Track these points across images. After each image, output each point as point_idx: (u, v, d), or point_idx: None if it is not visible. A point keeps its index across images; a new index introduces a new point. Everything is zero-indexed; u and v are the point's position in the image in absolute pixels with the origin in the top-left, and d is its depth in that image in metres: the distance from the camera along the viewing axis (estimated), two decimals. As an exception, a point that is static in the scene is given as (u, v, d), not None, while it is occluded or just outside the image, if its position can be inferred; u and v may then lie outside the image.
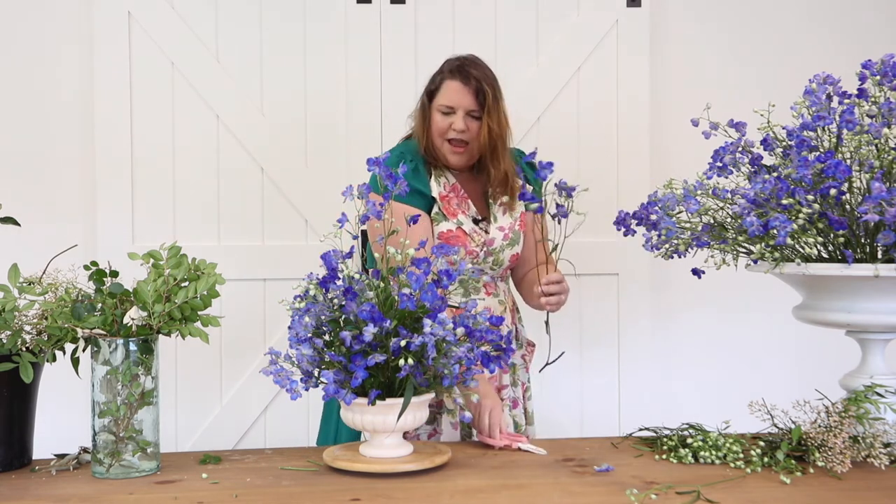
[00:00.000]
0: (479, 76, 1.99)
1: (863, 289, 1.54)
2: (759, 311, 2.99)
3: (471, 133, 1.99)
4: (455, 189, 2.04)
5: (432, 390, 1.51)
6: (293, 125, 2.83)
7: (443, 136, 1.99)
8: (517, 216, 2.07)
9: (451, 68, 2.01)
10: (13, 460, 1.52)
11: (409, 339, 1.41)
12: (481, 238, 2.01)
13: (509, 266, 2.07)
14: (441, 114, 1.99)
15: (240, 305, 2.59)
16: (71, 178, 2.80)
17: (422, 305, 1.45)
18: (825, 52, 3.03)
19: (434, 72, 2.05)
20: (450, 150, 1.99)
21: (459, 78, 1.98)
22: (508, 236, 2.04)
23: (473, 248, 1.98)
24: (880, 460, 1.45)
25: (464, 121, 1.97)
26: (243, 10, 2.81)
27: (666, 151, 2.95)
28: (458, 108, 1.98)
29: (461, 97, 1.97)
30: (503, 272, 2.08)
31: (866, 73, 1.59)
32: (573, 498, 1.33)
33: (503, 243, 2.03)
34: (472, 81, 1.98)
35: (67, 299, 1.50)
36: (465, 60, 2.03)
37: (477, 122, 1.99)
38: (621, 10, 2.91)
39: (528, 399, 2.13)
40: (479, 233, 2.01)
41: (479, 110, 1.98)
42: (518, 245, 2.06)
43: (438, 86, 2.01)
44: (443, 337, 1.43)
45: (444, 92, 1.99)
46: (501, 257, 2.03)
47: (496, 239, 2.02)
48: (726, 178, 1.69)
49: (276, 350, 1.50)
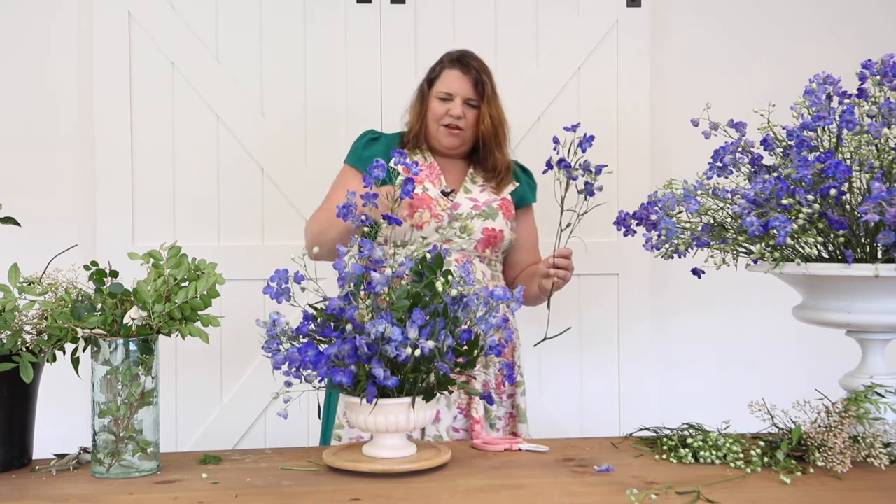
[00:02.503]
0: (479, 67, 2.11)
1: (863, 289, 1.53)
2: (759, 311, 2.99)
3: (467, 120, 2.09)
4: (431, 166, 2.11)
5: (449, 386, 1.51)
6: (293, 125, 2.83)
7: (439, 122, 2.09)
8: (498, 199, 2.12)
9: (452, 58, 2.13)
10: (13, 460, 1.52)
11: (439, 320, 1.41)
12: (447, 203, 2.06)
13: (486, 243, 2.07)
14: (439, 100, 2.09)
15: (240, 305, 2.59)
16: (71, 178, 2.80)
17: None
18: (825, 52, 3.04)
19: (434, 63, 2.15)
20: (445, 132, 2.09)
21: (460, 67, 2.10)
22: (480, 207, 2.08)
23: (438, 211, 2.04)
24: (880, 460, 1.45)
25: (461, 107, 2.08)
26: (243, 10, 2.81)
27: (666, 151, 2.95)
28: (456, 95, 2.08)
29: (460, 85, 2.08)
30: (482, 250, 2.07)
31: (866, 73, 1.59)
32: (573, 498, 1.33)
33: (472, 212, 2.06)
34: (472, 71, 2.09)
35: (67, 299, 1.50)
36: (466, 52, 2.14)
37: (473, 111, 2.10)
38: (621, 10, 2.91)
39: (522, 395, 2.13)
40: (444, 199, 2.07)
41: (477, 99, 2.09)
42: (493, 220, 2.08)
43: (438, 74, 2.12)
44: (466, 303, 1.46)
45: (444, 80, 2.10)
46: (470, 225, 2.05)
47: (462, 204, 2.06)
48: (726, 178, 1.69)
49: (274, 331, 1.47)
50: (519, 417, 2.11)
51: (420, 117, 2.13)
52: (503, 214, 2.11)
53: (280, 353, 1.44)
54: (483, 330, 1.50)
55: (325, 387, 1.46)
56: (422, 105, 2.13)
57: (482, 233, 2.06)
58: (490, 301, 1.49)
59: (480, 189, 2.12)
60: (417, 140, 2.13)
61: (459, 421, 2.02)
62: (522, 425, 2.10)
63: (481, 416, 2.01)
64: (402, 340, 1.39)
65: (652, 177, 2.90)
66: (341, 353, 1.41)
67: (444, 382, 1.49)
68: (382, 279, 1.45)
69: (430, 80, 2.13)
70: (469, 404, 2.02)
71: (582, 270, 2.95)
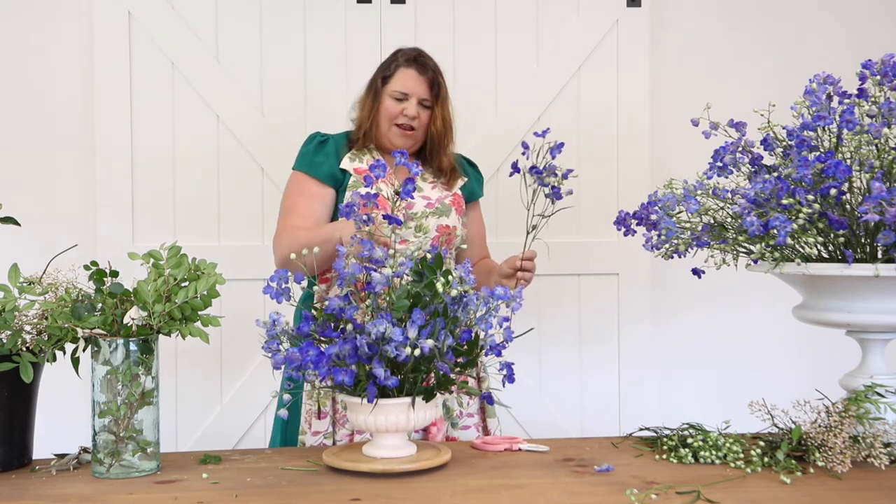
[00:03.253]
0: (434, 68, 2.09)
1: (863, 289, 1.53)
2: (758, 311, 2.99)
3: (420, 120, 2.07)
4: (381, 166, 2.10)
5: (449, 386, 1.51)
6: (293, 125, 2.83)
7: (392, 121, 2.06)
8: (450, 195, 2.12)
9: (408, 58, 2.09)
10: (13, 460, 1.52)
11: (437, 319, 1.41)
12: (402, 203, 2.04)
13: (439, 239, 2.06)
14: (394, 99, 2.06)
15: (240, 305, 2.59)
16: (71, 178, 2.80)
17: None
18: (825, 52, 3.04)
19: (387, 58, 2.13)
20: (398, 132, 2.07)
21: (416, 67, 2.07)
22: (434, 205, 2.07)
23: None
24: (880, 460, 1.45)
25: (416, 108, 2.06)
26: (243, 10, 2.81)
27: (666, 151, 2.95)
28: (412, 95, 2.06)
29: (416, 85, 2.06)
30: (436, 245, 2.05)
31: (866, 73, 1.59)
32: (573, 498, 1.33)
33: (426, 210, 2.06)
34: (428, 72, 2.07)
35: (67, 299, 1.50)
36: (420, 52, 2.12)
37: (427, 111, 2.08)
38: (621, 10, 2.91)
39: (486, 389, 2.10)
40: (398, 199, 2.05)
41: (432, 100, 2.08)
42: (447, 217, 2.07)
43: (393, 72, 2.08)
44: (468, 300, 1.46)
45: (400, 78, 2.07)
46: (425, 223, 2.05)
47: (416, 204, 2.06)
48: (726, 178, 1.69)
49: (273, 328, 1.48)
50: (487, 412, 2.09)
51: (371, 115, 2.08)
52: (455, 210, 2.10)
53: (280, 353, 1.44)
54: (483, 329, 1.50)
55: (327, 387, 1.46)
56: (374, 102, 2.09)
57: (437, 230, 2.06)
58: (490, 301, 1.49)
59: (431, 186, 2.11)
60: (366, 139, 2.09)
61: None
62: (492, 420, 2.09)
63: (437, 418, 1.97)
64: (402, 340, 1.39)
65: (652, 177, 2.90)
66: (342, 353, 1.41)
67: (445, 382, 1.49)
68: (382, 279, 1.45)
69: (385, 77, 2.09)
70: None
71: (582, 270, 2.96)
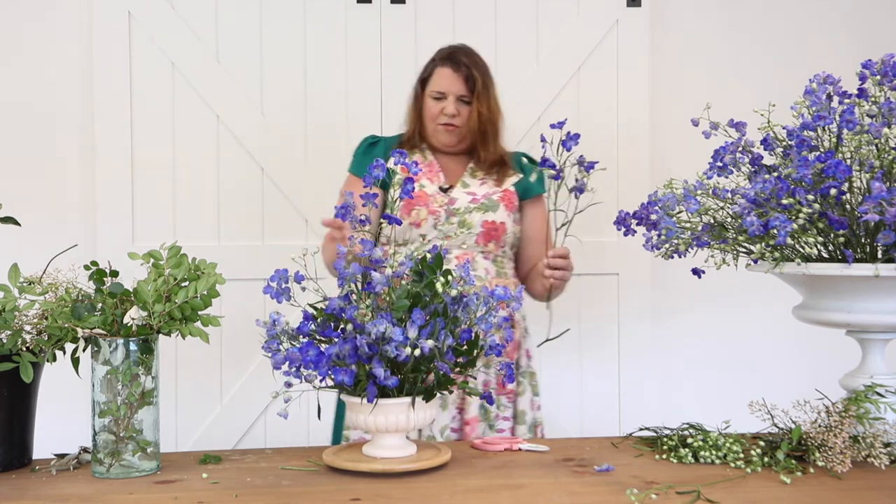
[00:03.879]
0: (469, 63, 2.10)
1: (863, 289, 1.53)
2: (758, 311, 2.99)
3: (461, 117, 2.09)
4: (430, 165, 2.12)
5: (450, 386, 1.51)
6: (293, 125, 2.83)
7: (434, 120, 2.09)
8: (499, 191, 2.10)
9: (443, 56, 2.12)
10: (13, 460, 1.52)
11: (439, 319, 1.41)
12: (444, 199, 2.05)
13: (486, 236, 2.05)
14: (433, 99, 2.09)
15: (240, 305, 2.59)
16: (71, 178, 2.80)
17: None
18: (825, 52, 3.03)
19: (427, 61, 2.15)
20: (442, 130, 2.09)
21: (450, 65, 2.09)
22: (479, 200, 2.07)
23: (436, 208, 2.04)
24: (880, 460, 1.45)
25: (454, 105, 2.08)
26: (243, 10, 2.81)
27: (666, 151, 2.95)
28: (448, 93, 2.08)
29: (451, 83, 2.08)
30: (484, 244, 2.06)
31: (866, 73, 1.59)
32: (573, 498, 1.33)
33: (470, 205, 2.06)
34: (462, 68, 2.08)
35: (67, 299, 1.50)
36: (456, 49, 2.13)
37: (467, 107, 2.09)
38: (621, 10, 2.91)
39: (521, 395, 2.11)
40: (441, 195, 2.07)
41: (470, 96, 2.08)
42: (493, 213, 2.06)
43: (430, 73, 2.12)
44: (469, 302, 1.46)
45: (436, 78, 2.10)
46: (469, 219, 2.04)
47: (459, 199, 2.06)
48: (726, 178, 1.69)
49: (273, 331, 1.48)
50: (517, 419, 2.09)
51: (417, 116, 2.14)
52: (505, 206, 2.09)
53: (280, 353, 1.44)
54: (483, 329, 1.50)
55: (327, 387, 1.46)
56: (417, 104, 2.15)
57: (482, 226, 2.05)
58: (490, 301, 1.49)
59: (480, 182, 2.11)
60: (416, 139, 2.14)
61: (457, 421, 2.02)
62: (521, 427, 2.09)
63: (472, 417, 2.00)
64: (403, 340, 1.39)
65: (652, 177, 2.89)
66: (342, 353, 1.41)
67: (444, 382, 1.49)
68: (382, 279, 1.45)
69: (423, 79, 2.14)
70: (463, 404, 2.02)
71: (582, 270, 2.95)
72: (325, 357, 1.40)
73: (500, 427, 2.06)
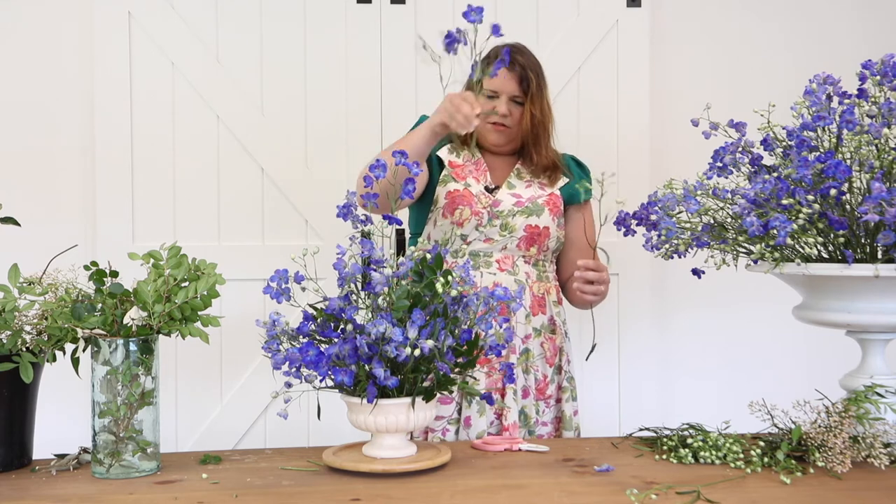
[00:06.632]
0: (525, 63, 2.04)
1: (863, 289, 1.53)
2: (758, 312, 2.99)
3: (513, 118, 2.05)
4: (478, 163, 2.08)
5: (450, 386, 1.50)
6: (293, 125, 2.83)
7: (485, 119, 2.03)
8: (545, 195, 2.06)
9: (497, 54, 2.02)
10: (13, 460, 1.52)
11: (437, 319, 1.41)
12: (488, 200, 2.01)
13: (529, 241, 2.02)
14: (486, 98, 2.02)
15: (240, 305, 2.59)
16: (71, 178, 2.80)
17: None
18: (825, 51, 3.04)
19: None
20: (492, 129, 2.05)
21: None
22: (523, 204, 2.03)
23: (479, 209, 2.00)
24: (880, 460, 1.45)
25: (507, 105, 2.03)
26: (243, 10, 2.81)
27: (666, 151, 2.95)
28: (501, 92, 2.03)
29: (504, 82, 2.03)
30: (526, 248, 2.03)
31: (866, 73, 1.59)
32: (573, 498, 1.33)
33: (514, 208, 2.02)
34: (516, 68, 2.02)
35: (67, 299, 1.50)
36: (512, 48, 2.05)
37: (519, 108, 2.05)
38: (621, 10, 2.91)
39: (567, 401, 2.08)
40: (486, 195, 2.02)
41: (523, 96, 2.04)
42: (537, 217, 2.02)
43: None
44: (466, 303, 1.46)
45: None
46: (511, 223, 2.00)
47: (503, 202, 2.02)
48: (726, 178, 1.69)
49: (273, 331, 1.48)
50: (564, 424, 2.06)
51: None
52: (549, 211, 2.04)
53: (280, 353, 1.44)
54: (483, 329, 1.50)
55: (327, 387, 1.46)
56: None
57: (525, 230, 2.01)
58: (490, 301, 1.49)
59: (526, 185, 2.06)
60: (467, 136, 2.06)
61: (496, 426, 1.98)
62: (567, 432, 2.05)
63: (510, 424, 1.95)
64: (402, 340, 1.39)
65: (652, 177, 2.89)
66: (342, 353, 1.41)
67: (444, 382, 1.49)
68: (382, 279, 1.45)
69: None
70: (503, 409, 1.97)
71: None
72: (325, 357, 1.40)
73: (540, 433, 2.03)
